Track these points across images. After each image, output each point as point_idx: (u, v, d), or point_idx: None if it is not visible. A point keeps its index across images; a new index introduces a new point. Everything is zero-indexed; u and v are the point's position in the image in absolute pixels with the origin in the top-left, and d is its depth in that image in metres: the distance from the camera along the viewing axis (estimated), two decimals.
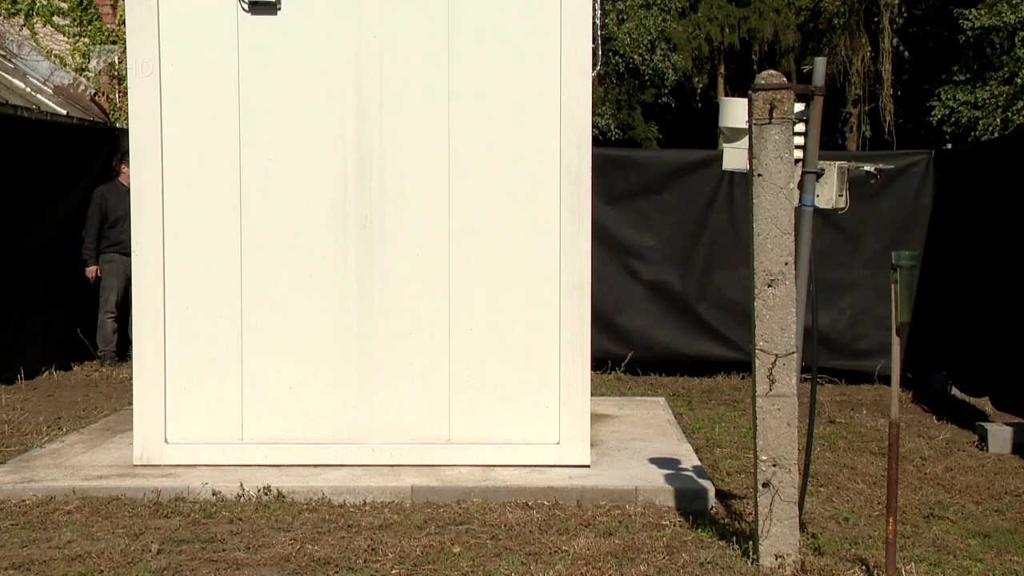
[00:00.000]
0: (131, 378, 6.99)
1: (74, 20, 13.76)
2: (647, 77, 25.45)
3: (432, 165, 6.72)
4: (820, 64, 5.32)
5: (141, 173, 6.71)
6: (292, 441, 6.76)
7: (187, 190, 6.73)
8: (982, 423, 8.08)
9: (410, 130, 6.71)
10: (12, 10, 13.69)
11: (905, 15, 27.37)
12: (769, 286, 4.99)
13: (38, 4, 13.70)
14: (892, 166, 9.97)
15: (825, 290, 10.33)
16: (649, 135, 30.86)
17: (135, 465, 6.71)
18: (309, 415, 6.77)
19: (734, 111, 5.47)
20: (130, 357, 10.09)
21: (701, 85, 31.10)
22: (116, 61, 13.54)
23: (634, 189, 10.94)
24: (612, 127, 25.86)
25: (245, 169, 6.73)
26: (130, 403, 7.52)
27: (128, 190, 7.33)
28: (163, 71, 6.71)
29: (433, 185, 6.72)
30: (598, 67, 6.96)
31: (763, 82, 4.97)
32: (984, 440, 7.83)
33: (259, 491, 6.23)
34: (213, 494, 6.22)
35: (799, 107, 5.15)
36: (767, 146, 4.95)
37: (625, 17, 23.42)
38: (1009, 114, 21.92)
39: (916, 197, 10.69)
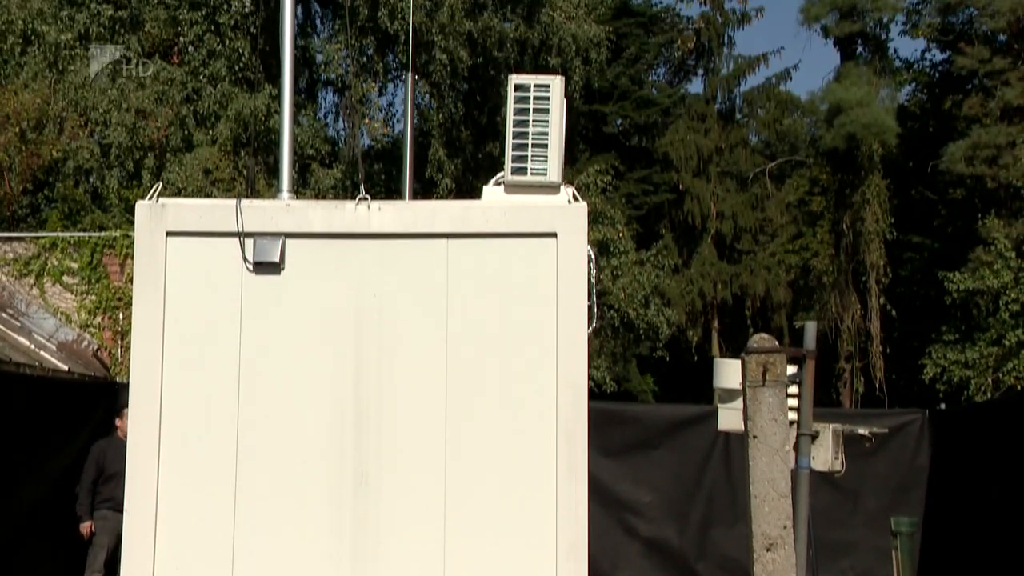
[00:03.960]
0: None
1: (83, 279, 14.15)
2: (642, 331, 25.84)
3: (428, 423, 6.73)
4: (811, 328, 5.45)
5: (138, 428, 6.72)
6: None
7: (183, 447, 6.72)
8: None
9: (407, 389, 6.76)
10: (24, 271, 14.11)
11: (890, 276, 28.09)
12: (768, 550, 4.93)
13: (49, 266, 14.13)
14: (886, 429, 9.99)
15: (825, 551, 10.14)
16: (645, 387, 31.05)
17: None
18: None
19: (728, 372, 5.55)
20: None
21: (695, 339, 31.57)
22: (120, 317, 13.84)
23: (631, 443, 10.93)
24: (608, 380, 26.03)
25: (243, 424, 6.74)
26: None
27: (126, 445, 7.32)
28: (166, 328, 6.82)
29: (429, 442, 6.72)
30: (594, 324, 7.08)
31: (756, 345, 5.07)
32: None
33: None
34: None
35: (792, 369, 5.24)
36: (761, 408, 5.00)
37: (620, 273, 24.01)
38: (1000, 375, 22.17)
39: (913, 457, 10.67)
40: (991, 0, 27.08)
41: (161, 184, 7.36)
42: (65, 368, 12.66)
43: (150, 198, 6.94)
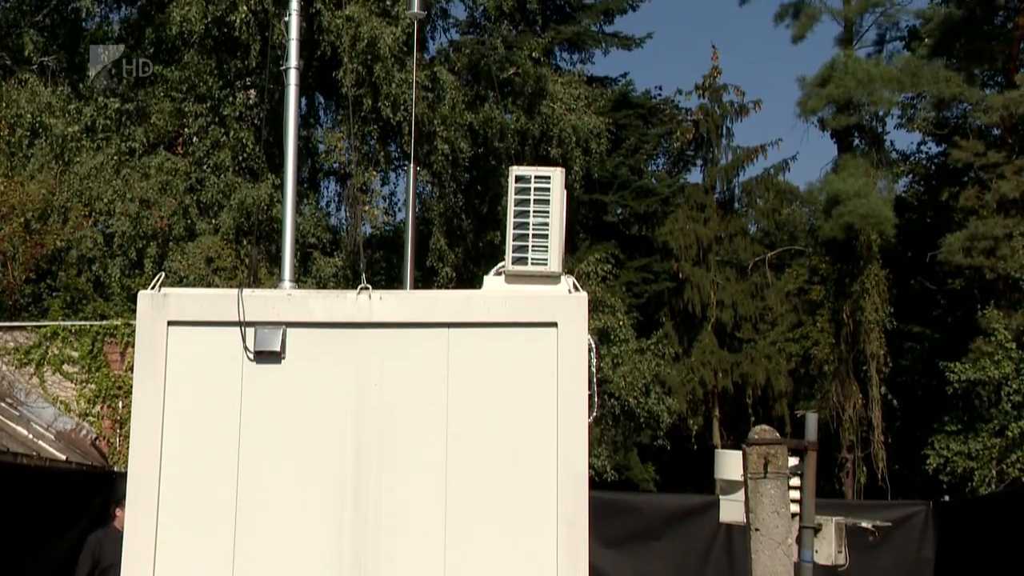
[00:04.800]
0: None
1: (83, 368, 14.16)
2: (642, 419, 25.71)
3: (428, 513, 6.68)
4: (812, 419, 5.44)
5: (135, 516, 6.67)
6: None
7: (180, 535, 6.67)
8: None
9: (407, 479, 6.73)
10: (24, 360, 14.13)
11: (891, 365, 28.06)
12: None
13: (50, 354, 14.15)
14: (890, 522, 9.90)
15: None
16: (646, 476, 30.81)
17: None
18: None
19: (729, 463, 5.53)
20: None
21: (696, 427, 31.40)
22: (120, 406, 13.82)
23: (632, 533, 10.84)
24: (608, 468, 25.83)
25: (241, 514, 6.69)
26: None
27: (122, 536, 7.25)
28: (166, 417, 6.82)
29: (429, 532, 6.66)
30: (595, 412, 7.07)
31: (757, 437, 5.06)
32: None
33: None
34: None
35: (793, 461, 5.22)
36: (763, 500, 4.97)
37: (620, 361, 23.97)
38: (1004, 466, 22.04)
39: (917, 549, 10.57)
40: (984, 96, 27.52)
41: (163, 274, 7.41)
42: (63, 458, 12.60)
43: (152, 288, 6.98)
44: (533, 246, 6.94)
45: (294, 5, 8.58)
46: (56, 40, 23.48)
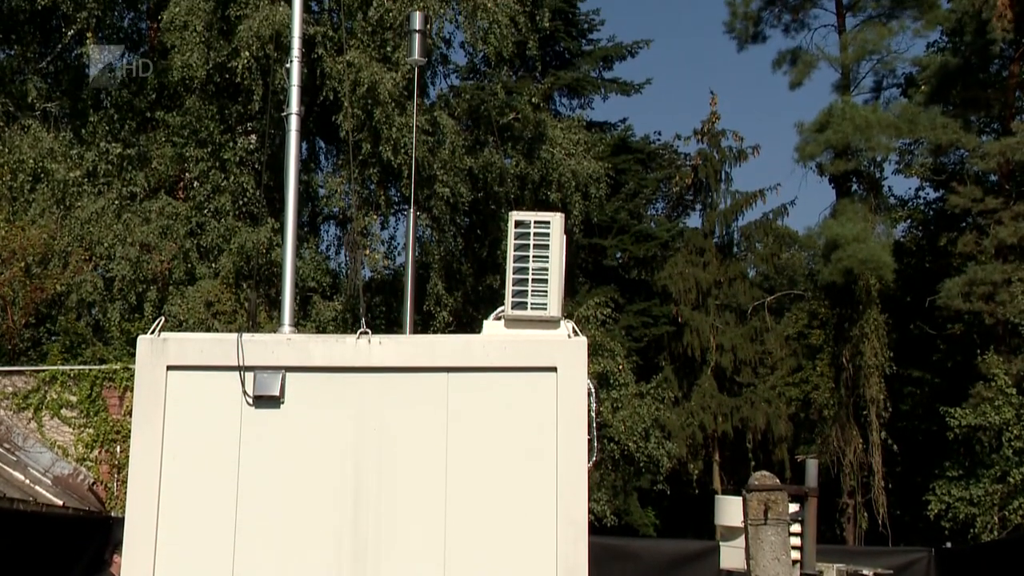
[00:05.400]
0: None
1: (81, 412, 14.13)
2: (642, 464, 25.61)
3: (427, 557, 6.65)
4: (812, 465, 5.43)
5: (133, 563, 6.63)
6: None
7: None
8: None
9: (406, 523, 6.70)
10: (23, 405, 14.11)
11: (891, 410, 28.00)
12: None
13: (48, 399, 14.13)
14: (891, 570, 9.85)
15: None
16: (646, 521, 30.63)
17: None
18: None
19: (729, 509, 5.52)
20: None
21: (696, 472, 31.27)
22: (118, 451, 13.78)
23: None
24: (608, 513, 25.69)
25: (239, 559, 6.65)
26: None
27: None
28: (164, 461, 6.80)
29: None
30: (594, 457, 7.05)
31: (757, 483, 5.05)
32: None
33: None
34: None
35: (794, 507, 5.20)
36: (763, 547, 4.95)
37: (620, 406, 23.91)
38: (1006, 513, 21.93)
39: None
40: (981, 143, 27.68)
41: (163, 318, 7.42)
42: (60, 503, 12.54)
43: (152, 332, 6.99)
44: (533, 291, 6.96)
45: (296, 51, 8.65)
46: (59, 86, 23.63)
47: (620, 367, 24.03)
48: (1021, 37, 27.63)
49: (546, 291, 6.96)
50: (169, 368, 6.91)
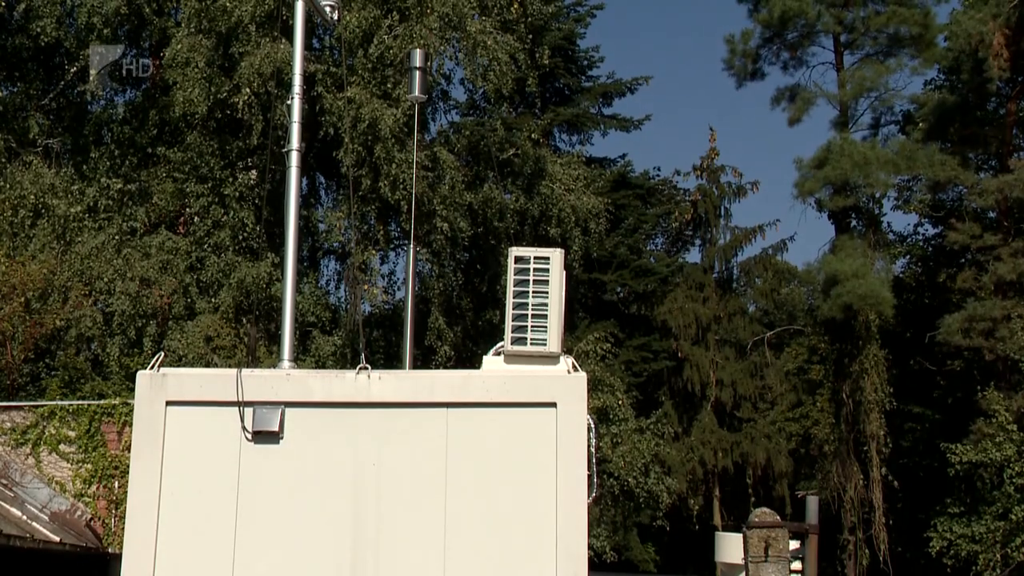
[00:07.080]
0: None
1: (80, 447, 14.08)
2: (642, 499, 25.50)
3: None
4: (812, 502, 5.41)
5: None
6: None
7: None
8: None
9: (405, 559, 6.66)
10: (20, 440, 14.08)
11: (891, 446, 27.93)
12: None
13: (46, 434, 14.10)
14: None
15: None
16: (646, 557, 30.49)
17: None
18: None
19: (729, 546, 5.49)
20: None
21: (696, 507, 31.14)
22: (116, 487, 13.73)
23: None
24: (608, 549, 25.58)
25: None
26: None
27: None
28: (163, 497, 6.77)
29: None
30: (594, 492, 7.02)
31: (757, 520, 5.03)
32: None
33: None
34: None
35: (794, 544, 5.17)
36: None
37: (619, 441, 23.85)
38: (1008, 550, 21.82)
39: None
40: (979, 179, 27.80)
41: (163, 353, 7.42)
42: (57, 539, 12.48)
43: (151, 367, 6.99)
44: (532, 326, 6.96)
45: (297, 88, 8.69)
46: (61, 123, 23.76)
47: (620, 402, 23.99)
48: (1017, 75, 27.83)
49: (546, 326, 6.96)
50: (168, 403, 6.90)
